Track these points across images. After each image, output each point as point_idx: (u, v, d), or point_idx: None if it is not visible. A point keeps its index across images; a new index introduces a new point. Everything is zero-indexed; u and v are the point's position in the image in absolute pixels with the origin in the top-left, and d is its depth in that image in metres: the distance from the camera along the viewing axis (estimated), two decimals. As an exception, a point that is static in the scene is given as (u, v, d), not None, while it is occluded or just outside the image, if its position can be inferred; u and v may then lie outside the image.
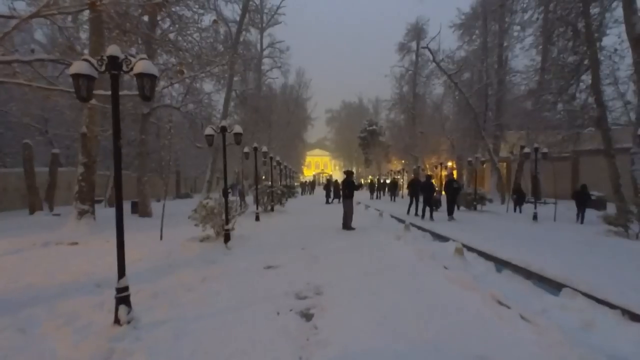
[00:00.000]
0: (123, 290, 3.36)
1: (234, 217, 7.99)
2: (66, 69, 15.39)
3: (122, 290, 3.36)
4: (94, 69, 3.15)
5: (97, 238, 10.09)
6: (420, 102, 38.95)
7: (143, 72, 3.15)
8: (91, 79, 3.15)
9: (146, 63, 3.17)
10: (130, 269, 6.33)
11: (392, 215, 14.17)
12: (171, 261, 6.43)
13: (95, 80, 3.19)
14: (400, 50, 38.59)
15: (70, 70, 3.10)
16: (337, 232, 9.91)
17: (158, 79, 4.65)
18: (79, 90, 3.13)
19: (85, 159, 12.53)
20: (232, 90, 24.63)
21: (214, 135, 7.01)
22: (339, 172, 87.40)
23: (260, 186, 15.06)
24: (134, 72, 3.16)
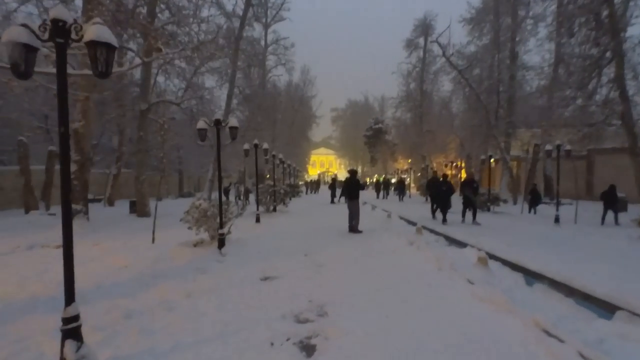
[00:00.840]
0: (71, 321, 2.66)
1: (230, 219, 7.29)
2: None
3: (70, 321, 2.65)
4: (34, 36, 2.45)
5: (87, 241, 9.48)
6: (428, 100, 38.07)
7: (96, 39, 2.44)
8: (32, 50, 2.45)
9: (100, 29, 2.46)
10: (112, 279, 5.69)
11: (401, 216, 13.40)
12: (158, 270, 5.75)
13: (37, 51, 2.49)
14: (407, 46, 37.70)
15: (3, 38, 2.40)
16: (343, 236, 9.18)
17: (124, 51, 4.03)
18: (17, 65, 2.43)
19: (78, 157, 11.94)
20: (235, 87, 23.95)
21: (206, 129, 6.32)
22: (344, 171, 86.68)
23: (262, 185, 14.37)
24: (84, 40, 2.45)
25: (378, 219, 12.68)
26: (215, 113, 20.71)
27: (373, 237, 8.81)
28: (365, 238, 8.75)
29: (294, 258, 6.46)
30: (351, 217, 9.72)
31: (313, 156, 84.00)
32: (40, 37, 2.48)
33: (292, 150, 41.88)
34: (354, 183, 9.69)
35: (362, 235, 9.16)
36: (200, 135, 6.32)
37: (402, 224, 11.76)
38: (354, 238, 8.80)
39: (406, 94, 38.26)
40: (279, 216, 13.23)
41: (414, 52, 37.93)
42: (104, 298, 4.47)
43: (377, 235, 9.23)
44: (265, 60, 34.52)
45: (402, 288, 4.61)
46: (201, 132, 6.28)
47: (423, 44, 37.31)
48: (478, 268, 5.39)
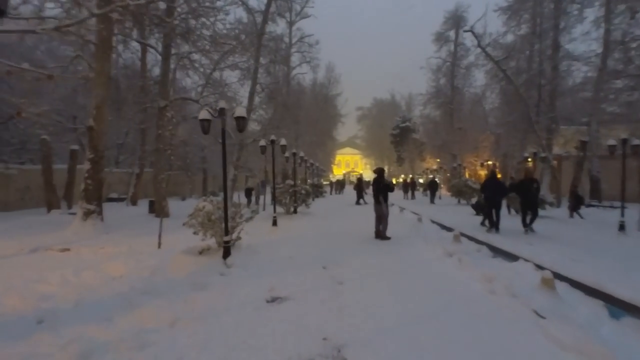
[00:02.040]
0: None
1: (240, 224, 6.42)
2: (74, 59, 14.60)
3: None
4: None
5: (95, 243, 8.96)
6: (459, 96, 36.15)
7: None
8: None
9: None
10: (98, 294, 4.88)
11: (433, 220, 12.15)
12: (151, 284, 4.95)
13: None
14: (437, 40, 35.95)
15: None
16: (369, 243, 8.12)
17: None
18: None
19: (92, 155, 11.49)
20: (257, 84, 23.29)
21: (210, 120, 5.47)
22: (370, 171, 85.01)
23: (281, 185, 13.51)
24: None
25: (407, 223, 11.50)
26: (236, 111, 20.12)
27: (403, 245, 7.70)
28: (394, 246, 7.65)
29: (310, 271, 5.49)
30: (378, 221, 8.65)
31: (338, 156, 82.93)
32: None
33: (316, 149, 41.05)
34: (382, 183, 8.61)
35: (391, 243, 8.07)
36: (202, 127, 5.47)
37: (435, 228, 10.53)
38: (381, 246, 7.73)
39: (436, 90, 36.47)
40: (300, 218, 12.31)
41: (444, 46, 36.16)
42: (76, 322, 3.68)
43: (407, 242, 8.11)
44: (289, 58, 33.86)
45: (446, 320, 3.53)
46: (204, 123, 5.44)
47: (454, 37, 35.45)
48: (543, 292, 4.21)
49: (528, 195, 9.16)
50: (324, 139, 46.10)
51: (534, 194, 9.11)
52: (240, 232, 6.52)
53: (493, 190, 9.42)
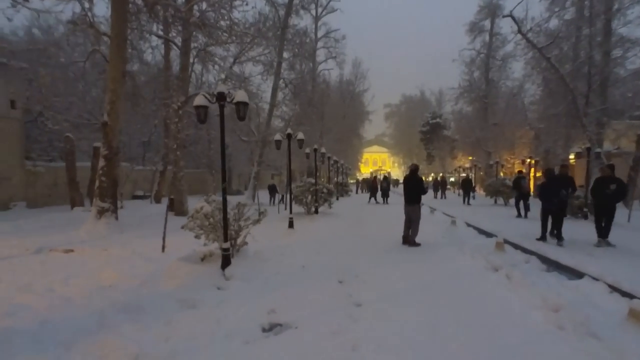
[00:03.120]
0: None
1: (245, 227, 5.62)
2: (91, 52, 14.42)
3: None
4: None
5: (103, 243, 8.50)
6: (494, 89, 34.04)
7: None
8: None
9: None
10: (73, 310, 4.18)
11: (469, 223, 10.91)
12: (136, 298, 4.23)
13: None
14: (470, 31, 33.96)
15: None
16: (395, 250, 7.11)
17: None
18: None
19: (106, 151, 11.12)
20: (281, 79, 22.63)
21: (207, 107, 4.68)
22: (398, 169, 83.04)
23: (301, 184, 12.68)
24: None
25: (439, 226, 10.34)
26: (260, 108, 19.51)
27: (435, 254, 6.63)
28: (424, 254, 6.60)
29: (324, 286, 4.58)
30: (407, 225, 7.61)
31: (365, 154, 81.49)
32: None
33: (342, 147, 40.05)
34: (414, 183, 7.54)
35: (420, 250, 7.02)
36: (198, 115, 4.70)
37: (472, 233, 9.33)
38: (409, 254, 6.70)
39: (469, 83, 34.47)
40: (320, 219, 11.41)
41: (478, 36, 34.12)
42: (25, 350, 2.99)
43: (440, 250, 7.02)
44: (315, 54, 33.06)
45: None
46: (200, 110, 4.66)
47: (489, 26, 33.38)
48: (630, 330, 3.09)
49: (604, 197, 7.46)
50: (350, 136, 44.98)
51: (612, 196, 7.39)
52: (246, 237, 5.71)
53: (553, 190, 7.64)
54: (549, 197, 7.62)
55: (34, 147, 18.67)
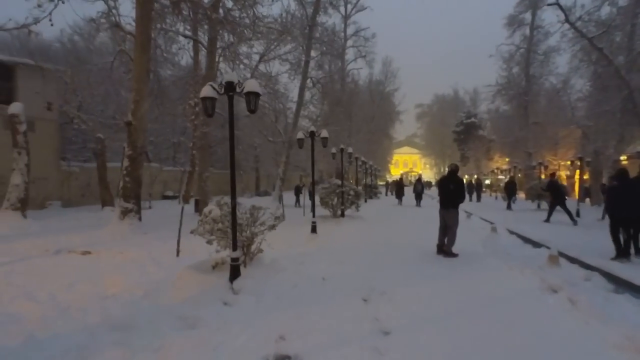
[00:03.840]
0: None
1: (260, 233, 5.07)
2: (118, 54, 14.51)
3: None
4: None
5: (121, 245, 8.29)
6: (535, 86, 31.85)
7: None
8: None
9: None
10: (64, 325, 3.72)
11: (512, 230, 9.85)
12: (134, 312, 3.78)
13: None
14: (509, 24, 31.99)
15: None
16: (429, 260, 6.33)
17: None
18: None
19: (130, 151, 11.04)
20: (308, 78, 22.15)
21: (214, 99, 4.18)
22: (430, 170, 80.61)
23: (327, 185, 12.07)
24: None
25: (477, 233, 9.38)
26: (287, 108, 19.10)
27: (476, 267, 5.80)
28: (463, 267, 5.78)
29: (345, 305, 3.94)
30: (443, 232, 6.80)
31: (396, 155, 79.79)
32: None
33: (371, 148, 39.10)
34: (454, 185, 6.72)
35: (459, 262, 6.19)
36: (205, 107, 4.20)
37: (516, 242, 8.34)
38: (445, 266, 5.90)
39: (507, 80, 32.49)
40: (346, 223, 10.73)
41: (518, 30, 32.03)
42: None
43: (481, 262, 6.16)
44: (344, 53, 32.43)
45: None
46: (207, 102, 4.16)
47: (530, 19, 31.25)
48: None
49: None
50: (380, 137, 43.89)
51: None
52: (260, 243, 5.16)
53: (629, 199, 6.24)
54: (624, 205, 6.37)
55: (69, 148, 19.29)
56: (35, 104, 15.76)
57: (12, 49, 19.49)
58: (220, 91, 4.12)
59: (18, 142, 12.00)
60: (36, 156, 15.68)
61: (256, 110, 4.22)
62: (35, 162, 15.65)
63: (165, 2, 11.89)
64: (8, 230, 10.59)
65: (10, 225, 11.11)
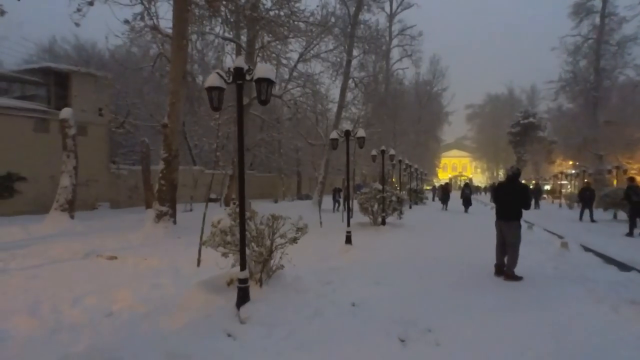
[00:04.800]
0: None
1: (280, 247, 4.35)
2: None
3: None
4: None
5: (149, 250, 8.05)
6: (607, 81, 28.40)
7: None
8: None
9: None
10: (48, 347, 3.23)
11: (587, 247, 8.28)
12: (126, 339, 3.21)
13: None
14: (575, 13, 28.97)
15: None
16: (485, 284, 5.22)
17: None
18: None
19: (166, 154, 10.92)
20: (350, 78, 21.33)
21: (222, 89, 3.52)
22: (481, 175, 76.09)
23: (366, 190, 11.15)
24: None
25: (543, 249, 7.95)
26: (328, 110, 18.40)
27: (548, 296, 4.61)
28: (531, 296, 4.63)
29: (377, 347, 3.07)
30: (501, 249, 5.64)
31: (444, 159, 76.26)
32: None
33: (417, 151, 37.33)
34: (515, 192, 5.54)
35: (524, 287, 5.02)
36: (210, 99, 3.56)
37: (595, 262, 6.86)
38: (508, 293, 4.77)
39: (572, 75, 29.30)
40: (386, 233, 9.71)
41: (586, 19, 28.89)
42: None
43: (553, 289, 4.95)
44: (389, 54, 31.23)
45: None
46: (212, 93, 3.52)
47: (600, 6, 27.96)
48: None
49: None
50: (427, 139, 41.84)
51: None
52: (281, 258, 4.44)
53: None
54: None
55: (118, 151, 20.13)
56: (87, 110, 16.53)
57: (69, 58, 20.75)
58: (229, 79, 3.47)
59: (67, 146, 12.44)
60: (88, 159, 16.40)
61: (268, 100, 3.51)
62: (87, 165, 16.39)
63: (202, 3, 11.72)
64: (54, 230, 10.91)
65: (57, 226, 11.47)
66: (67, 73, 16.15)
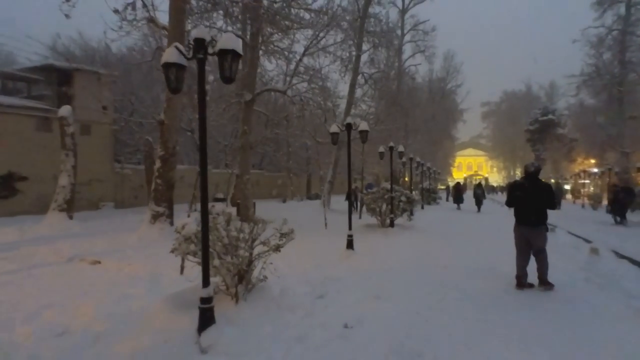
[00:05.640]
0: None
1: (261, 257, 3.70)
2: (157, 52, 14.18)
3: None
4: None
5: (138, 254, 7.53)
6: (633, 74, 26.87)
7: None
8: None
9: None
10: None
11: (620, 253, 7.38)
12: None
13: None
14: (598, 4, 27.56)
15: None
16: (508, 300, 4.45)
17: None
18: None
19: (162, 152, 10.43)
20: (360, 74, 20.55)
21: (182, 66, 2.82)
22: (497, 174, 74.15)
23: (375, 190, 10.43)
24: None
25: (571, 255, 7.11)
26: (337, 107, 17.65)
27: (583, 313, 3.85)
28: (561, 315, 3.86)
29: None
30: (526, 258, 4.86)
31: (459, 158, 74.51)
32: None
33: (431, 149, 36.24)
34: (539, 192, 4.76)
35: (553, 301, 4.25)
36: (167, 79, 2.90)
37: (632, 271, 6.01)
38: (534, 311, 4.01)
39: (595, 68, 27.83)
40: (395, 235, 8.96)
41: (609, 10, 27.43)
42: None
43: (587, 302, 4.18)
44: (401, 49, 30.31)
45: None
46: (170, 70, 2.85)
47: (626, -5, 26.43)
48: None
49: None
50: (441, 137, 40.62)
51: None
52: (264, 268, 3.79)
53: None
54: None
55: (122, 150, 19.85)
56: (91, 108, 16.27)
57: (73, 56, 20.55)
58: (188, 54, 2.84)
59: (66, 144, 12.10)
60: (91, 158, 16.15)
61: (233, 78, 2.86)
62: (91, 165, 16.13)
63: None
64: (50, 231, 10.56)
65: (54, 227, 11.12)
66: (70, 71, 15.91)
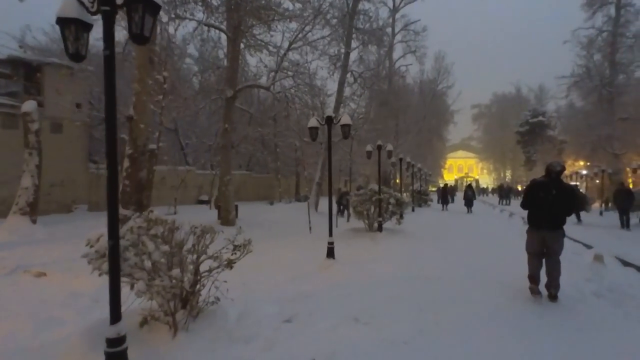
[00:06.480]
0: None
1: (208, 275, 2.97)
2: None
3: None
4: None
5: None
6: (623, 76, 26.80)
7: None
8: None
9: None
10: None
11: (625, 260, 6.79)
12: None
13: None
14: (588, 5, 27.46)
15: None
16: (514, 311, 3.78)
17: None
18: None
19: (131, 150, 9.61)
20: (349, 72, 19.91)
21: (86, 24, 2.10)
22: (488, 176, 74.28)
23: (361, 192, 9.74)
24: None
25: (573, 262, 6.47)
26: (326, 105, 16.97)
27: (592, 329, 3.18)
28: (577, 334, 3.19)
29: None
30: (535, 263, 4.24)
31: (449, 160, 74.49)
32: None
33: (421, 151, 35.79)
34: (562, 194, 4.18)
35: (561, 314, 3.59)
36: (65, 38, 2.12)
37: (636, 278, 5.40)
38: (550, 327, 3.34)
39: (586, 69, 27.67)
40: (383, 240, 8.25)
41: (600, 11, 27.34)
42: None
43: (595, 317, 3.53)
44: (391, 50, 29.83)
45: None
46: (68, 29, 2.09)
47: (616, -4, 26.33)
48: None
49: None
50: (432, 139, 40.18)
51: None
52: (217, 288, 3.05)
53: None
54: None
55: (99, 150, 18.86)
56: (63, 105, 15.30)
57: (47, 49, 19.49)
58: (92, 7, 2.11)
59: (30, 142, 11.15)
60: (63, 158, 15.16)
61: (148, 38, 2.15)
62: (63, 164, 15.14)
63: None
64: (7, 238, 9.60)
65: (14, 232, 10.14)
66: (39, 65, 14.92)
